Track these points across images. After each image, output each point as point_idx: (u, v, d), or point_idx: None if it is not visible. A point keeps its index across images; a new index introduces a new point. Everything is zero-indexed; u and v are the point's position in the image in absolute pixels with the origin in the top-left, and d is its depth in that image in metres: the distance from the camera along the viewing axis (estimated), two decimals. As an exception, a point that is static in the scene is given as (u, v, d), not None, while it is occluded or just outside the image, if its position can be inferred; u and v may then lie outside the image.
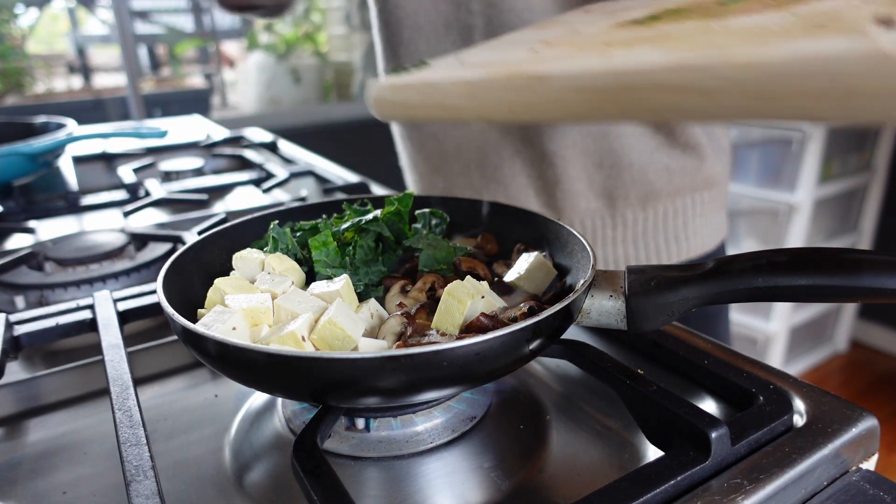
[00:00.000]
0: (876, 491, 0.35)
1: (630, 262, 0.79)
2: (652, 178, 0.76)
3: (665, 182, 0.77)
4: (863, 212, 2.44)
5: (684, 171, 0.78)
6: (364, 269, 0.48)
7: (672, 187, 0.77)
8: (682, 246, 0.81)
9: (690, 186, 0.79)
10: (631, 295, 0.41)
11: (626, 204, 0.77)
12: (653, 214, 0.78)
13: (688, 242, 0.81)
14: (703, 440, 0.34)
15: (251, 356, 0.33)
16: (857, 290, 0.36)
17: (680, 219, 0.79)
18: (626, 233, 0.79)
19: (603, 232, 0.79)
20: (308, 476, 0.32)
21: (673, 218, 0.79)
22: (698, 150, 0.78)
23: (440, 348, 0.32)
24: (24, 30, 2.90)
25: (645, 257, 0.80)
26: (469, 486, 0.38)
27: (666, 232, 0.79)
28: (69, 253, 0.66)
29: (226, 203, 0.96)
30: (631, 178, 0.76)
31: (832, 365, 2.52)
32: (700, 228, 0.82)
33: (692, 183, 0.79)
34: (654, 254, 0.80)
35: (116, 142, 1.24)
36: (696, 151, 0.78)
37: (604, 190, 0.77)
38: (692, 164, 0.78)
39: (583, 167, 0.76)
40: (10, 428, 0.46)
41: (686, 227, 0.80)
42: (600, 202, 0.77)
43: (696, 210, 0.80)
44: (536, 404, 0.46)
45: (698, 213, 0.81)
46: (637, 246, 0.79)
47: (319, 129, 2.80)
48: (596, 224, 0.78)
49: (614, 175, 0.76)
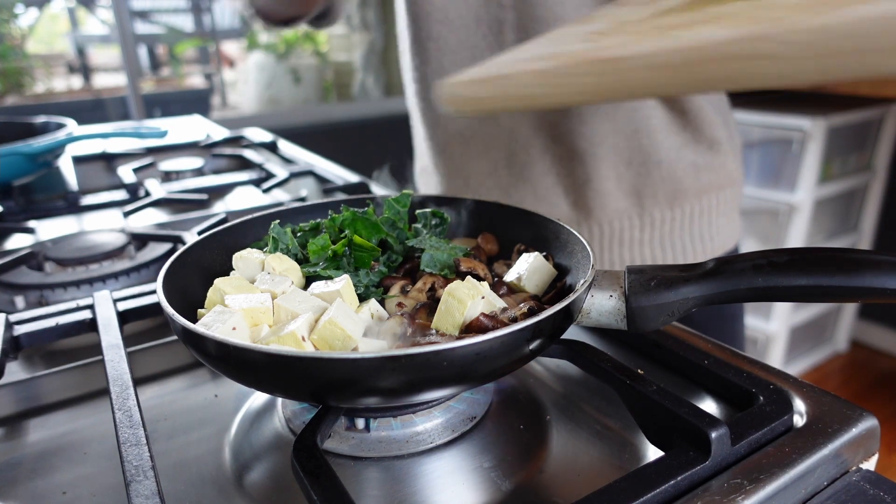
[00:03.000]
0: (876, 491, 0.35)
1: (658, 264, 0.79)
2: (680, 176, 0.77)
3: (692, 179, 0.78)
4: (863, 212, 2.44)
5: (710, 168, 0.78)
6: (364, 270, 0.48)
7: (698, 185, 0.78)
8: (707, 245, 0.81)
9: (716, 184, 0.79)
10: (631, 295, 0.41)
11: (654, 202, 0.77)
12: (680, 213, 0.78)
13: (712, 242, 0.81)
14: (703, 440, 0.34)
15: (251, 356, 0.33)
16: (857, 290, 0.36)
17: (705, 218, 0.80)
18: (653, 233, 0.79)
19: (631, 233, 0.79)
20: (308, 476, 0.32)
21: (699, 217, 0.79)
22: (721, 147, 0.79)
23: (440, 348, 0.32)
24: (24, 30, 2.91)
25: (672, 258, 0.80)
26: (469, 486, 0.38)
27: (692, 231, 0.80)
28: (69, 253, 0.66)
29: (226, 203, 0.96)
30: (660, 176, 0.76)
31: (832, 365, 2.52)
32: (722, 227, 0.82)
33: (717, 180, 0.79)
34: (681, 254, 0.80)
35: (116, 142, 1.24)
36: (719, 148, 0.79)
37: (633, 189, 0.77)
38: (716, 161, 0.79)
39: (612, 165, 0.76)
40: (10, 428, 0.46)
41: (710, 227, 0.81)
42: (629, 201, 0.77)
43: (719, 209, 0.81)
44: (536, 404, 0.46)
45: (721, 211, 0.81)
46: (664, 246, 0.79)
47: (319, 129, 2.80)
48: (624, 225, 0.78)
49: (643, 173, 0.76)
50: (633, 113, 0.74)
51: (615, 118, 0.74)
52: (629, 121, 0.75)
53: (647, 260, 0.80)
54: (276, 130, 1.54)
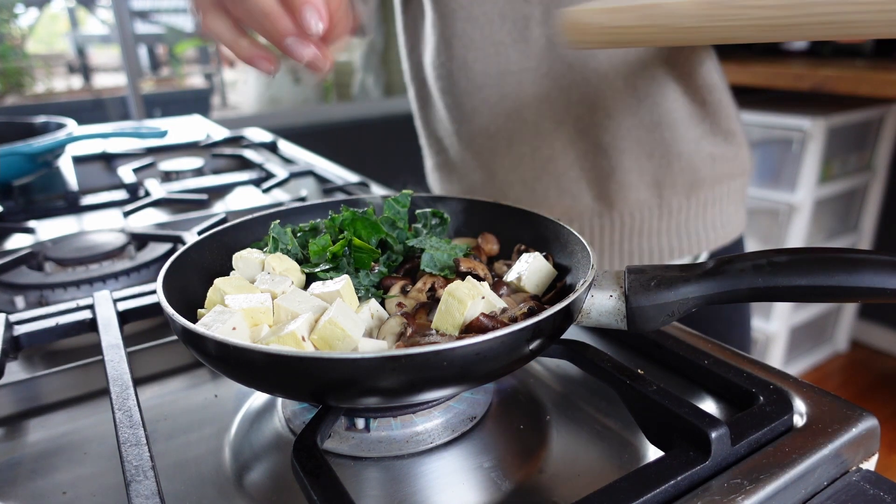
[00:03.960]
0: (876, 491, 0.35)
1: (674, 253, 0.83)
2: (698, 166, 0.80)
3: (709, 170, 0.81)
4: (863, 212, 2.44)
5: (724, 159, 0.82)
6: (364, 271, 0.48)
7: (714, 174, 0.81)
8: (719, 233, 0.84)
9: (729, 173, 0.83)
10: (631, 295, 0.41)
11: (673, 192, 0.80)
12: (695, 202, 0.81)
13: (724, 229, 0.85)
14: (703, 440, 0.34)
15: (251, 356, 0.33)
16: (857, 290, 0.36)
17: (718, 206, 0.83)
18: (670, 222, 0.81)
19: (650, 223, 0.81)
20: (308, 476, 0.32)
21: (712, 205, 0.83)
22: (735, 137, 0.82)
23: (440, 348, 0.32)
24: (24, 30, 2.90)
25: (687, 247, 0.83)
26: (469, 486, 0.38)
27: (705, 219, 0.83)
28: (69, 253, 0.66)
29: (226, 203, 0.96)
30: (679, 167, 0.79)
31: (832, 365, 2.51)
32: (732, 216, 0.86)
33: (731, 170, 0.83)
34: (696, 242, 0.83)
35: (116, 142, 1.24)
36: (734, 139, 0.82)
37: (653, 180, 0.79)
38: (731, 151, 0.82)
39: (635, 158, 0.78)
40: (10, 428, 0.46)
41: (722, 214, 0.84)
42: (649, 192, 0.80)
43: (731, 197, 0.84)
44: (536, 404, 0.46)
45: (731, 200, 0.85)
46: (680, 235, 0.82)
47: (319, 129, 2.80)
48: (644, 215, 0.80)
49: (664, 165, 0.79)
50: (656, 106, 0.77)
51: (639, 112, 0.76)
52: (653, 113, 0.77)
53: (664, 249, 0.82)
54: (276, 130, 1.54)
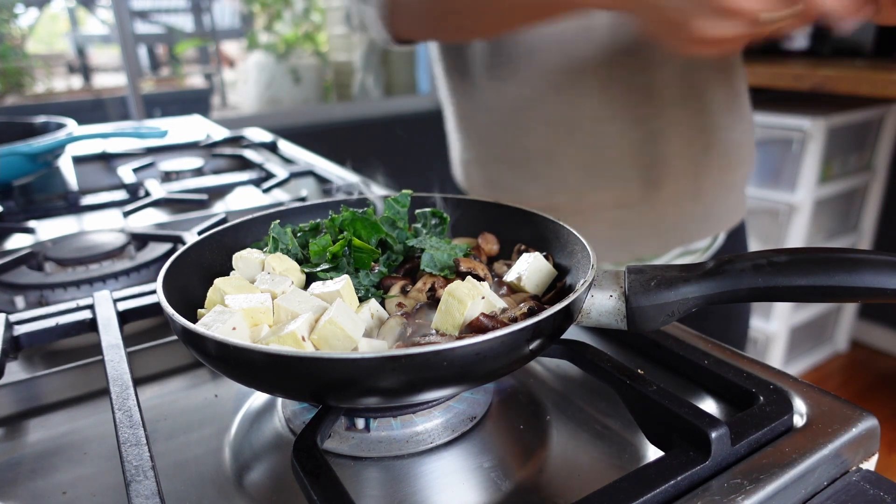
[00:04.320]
0: (876, 491, 0.35)
1: (702, 235, 0.87)
2: (729, 151, 0.85)
3: (735, 155, 0.86)
4: (863, 212, 2.44)
5: (745, 145, 0.87)
6: (364, 271, 0.48)
7: (738, 160, 0.87)
8: (733, 215, 0.90)
9: (749, 158, 0.89)
10: (631, 295, 0.41)
11: (707, 177, 0.84)
12: (722, 186, 0.86)
13: (736, 212, 0.90)
14: (703, 440, 0.34)
15: (251, 356, 0.33)
16: (857, 290, 0.36)
17: (736, 189, 0.89)
18: (703, 206, 0.85)
19: (684, 207, 0.84)
20: (308, 476, 0.32)
21: (733, 189, 0.88)
22: (750, 125, 0.89)
23: (440, 348, 0.32)
24: (24, 30, 2.91)
25: (713, 228, 0.88)
26: (469, 486, 0.38)
27: (727, 202, 0.88)
28: (69, 253, 0.66)
29: (226, 203, 0.96)
30: (716, 153, 0.83)
31: (832, 365, 2.51)
32: (740, 200, 0.91)
33: (749, 154, 0.89)
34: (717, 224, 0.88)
35: (116, 142, 1.24)
36: (749, 126, 0.88)
37: (692, 166, 0.82)
38: (748, 137, 0.88)
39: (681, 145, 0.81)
40: (10, 428, 0.46)
41: (738, 197, 0.90)
42: (688, 178, 0.83)
43: (743, 182, 0.90)
44: (536, 404, 0.46)
45: (741, 185, 0.90)
46: (708, 218, 0.87)
47: (319, 129, 2.80)
48: (682, 200, 0.83)
49: (702, 151, 0.83)
50: (702, 94, 0.80)
51: (689, 99, 0.80)
52: (698, 101, 0.80)
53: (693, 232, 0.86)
54: (276, 130, 1.54)
